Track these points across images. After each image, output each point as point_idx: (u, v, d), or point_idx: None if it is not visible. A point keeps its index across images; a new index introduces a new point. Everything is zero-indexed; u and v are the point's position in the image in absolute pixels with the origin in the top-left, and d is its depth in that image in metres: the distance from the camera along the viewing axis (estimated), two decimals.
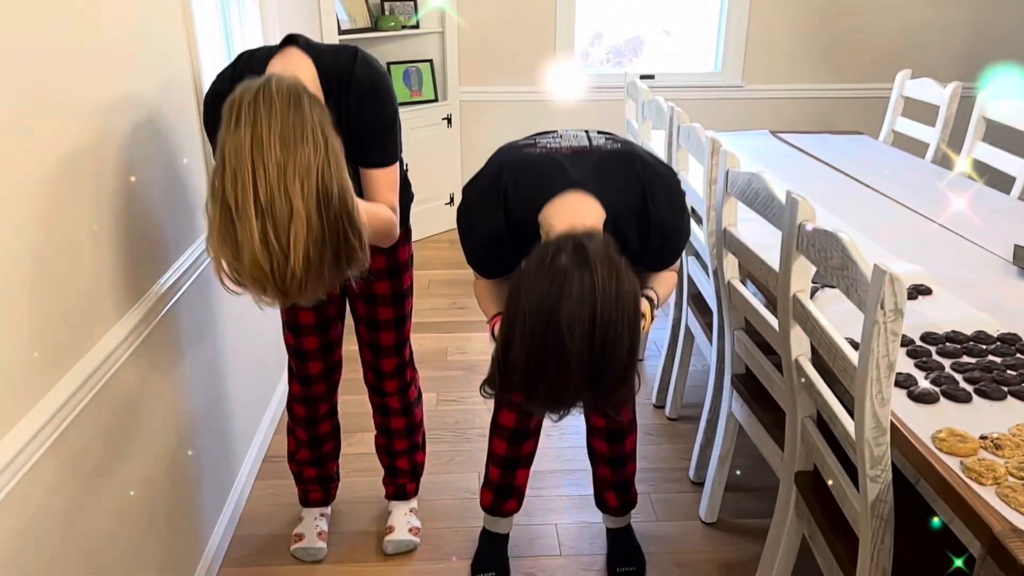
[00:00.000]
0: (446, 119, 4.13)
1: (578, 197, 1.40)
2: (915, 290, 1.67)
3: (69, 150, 1.27)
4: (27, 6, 1.14)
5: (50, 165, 1.21)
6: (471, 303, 3.42)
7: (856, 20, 4.10)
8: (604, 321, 1.14)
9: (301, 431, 1.96)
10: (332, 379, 1.91)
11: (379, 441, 2.03)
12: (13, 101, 1.10)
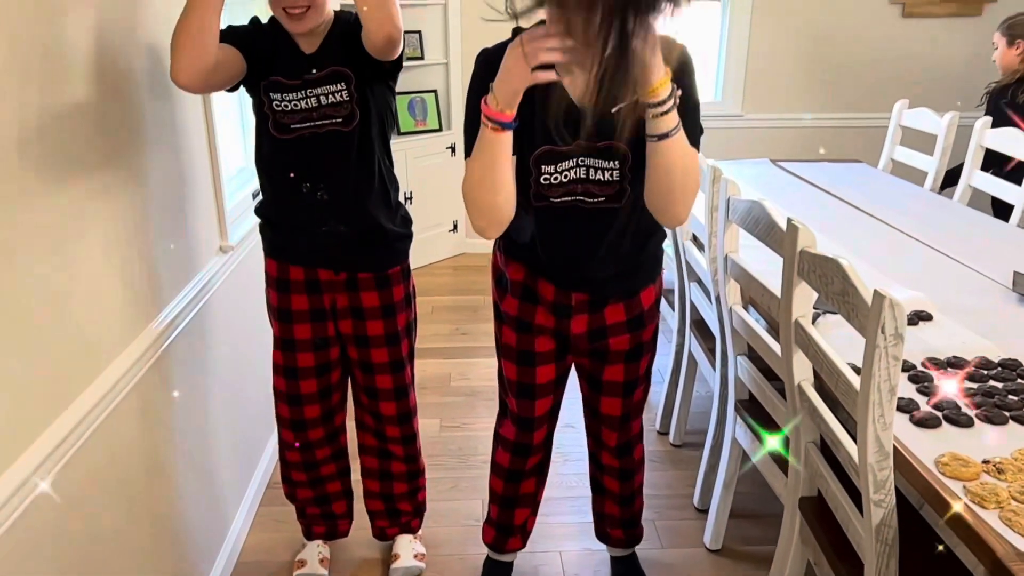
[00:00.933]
0: (450, 148, 4.18)
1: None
2: (916, 316, 1.69)
3: (74, 191, 1.29)
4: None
5: (53, 206, 1.24)
6: (474, 329, 3.43)
7: (853, 51, 4.16)
8: None
9: (299, 474, 1.91)
10: (332, 424, 1.87)
11: (371, 487, 1.95)
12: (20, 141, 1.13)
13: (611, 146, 1.39)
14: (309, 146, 1.62)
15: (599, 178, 1.42)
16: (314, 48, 1.60)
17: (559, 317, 1.59)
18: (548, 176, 1.43)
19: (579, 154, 1.41)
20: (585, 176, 1.43)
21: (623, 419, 1.72)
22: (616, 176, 1.42)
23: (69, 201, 1.26)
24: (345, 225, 1.66)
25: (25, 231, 1.14)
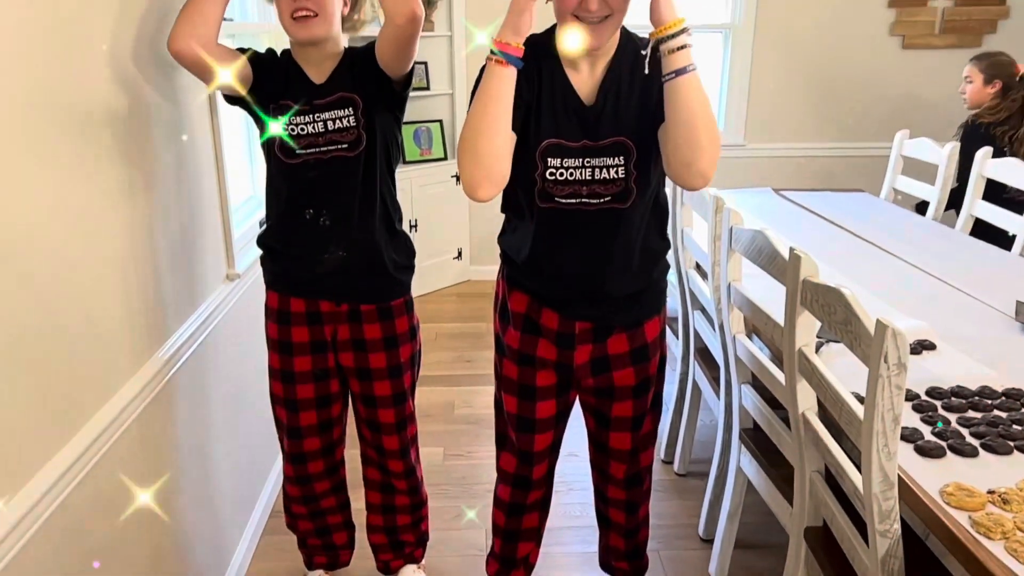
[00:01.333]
0: (454, 176, 4.21)
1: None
2: (919, 345, 1.69)
3: (83, 218, 1.31)
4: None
5: (61, 232, 1.26)
6: (478, 356, 3.44)
7: (855, 81, 4.20)
8: None
9: (299, 507, 1.91)
10: (332, 458, 1.87)
11: (374, 521, 1.95)
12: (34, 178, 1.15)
13: (617, 141, 1.41)
14: (314, 171, 1.63)
15: (604, 176, 1.42)
16: (323, 78, 1.63)
17: (562, 348, 1.58)
18: (554, 170, 1.43)
19: (585, 153, 1.42)
20: (591, 177, 1.43)
21: (632, 452, 1.69)
22: (621, 173, 1.42)
23: (78, 228, 1.28)
24: (346, 251, 1.67)
25: (33, 258, 1.16)
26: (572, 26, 1.33)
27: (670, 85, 1.30)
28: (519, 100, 1.38)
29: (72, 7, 1.27)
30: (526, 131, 1.42)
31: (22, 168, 1.13)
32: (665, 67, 1.30)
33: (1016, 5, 4.08)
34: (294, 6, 1.54)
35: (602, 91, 1.41)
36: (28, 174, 1.14)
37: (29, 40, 1.14)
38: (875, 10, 4.09)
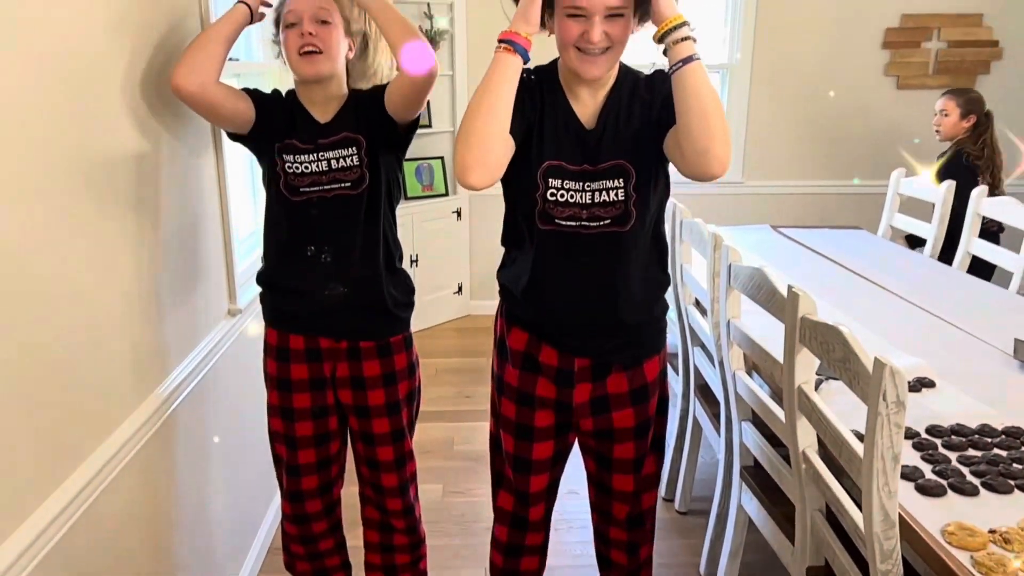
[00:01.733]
0: (456, 212, 4.25)
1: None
2: (919, 382, 1.69)
3: (85, 253, 1.33)
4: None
5: (64, 267, 1.27)
6: (478, 391, 3.43)
7: (851, 120, 4.26)
8: None
9: (297, 547, 1.88)
10: (329, 496, 1.85)
11: (372, 560, 1.93)
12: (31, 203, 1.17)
13: (616, 164, 1.43)
14: (316, 209, 1.65)
15: (604, 199, 1.44)
16: (328, 118, 1.66)
17: (561, 386, 1.57)
18: (555, 191, 1.44)
19: (585, 177, 1.44)
20: (591, 200, 1.44)
21: (635, 494, 1.67)
22: (621, 195, 1.44)
23: (82, 264, 1.29)
24: (346, 287, 1.68)
25: (35, 293, 1.17)
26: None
27: (678, 76, 1.30)
28: (521, 110, 1.40)
29: (83, 51, 1.30)
30: (528, 152, 1.44)
31: (28, 204, 1.14)
32: (671, 59, 1.32)
33: (1008, 47, 4.15)
34: (301, 42, 1.58)
35: (602, 116, 1.45)
36: (35, 211, 1.16)
37: (42, 85, 1.17)
38: (869, 51, 4.16)
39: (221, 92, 1.57)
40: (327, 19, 1.60)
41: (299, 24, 1.58)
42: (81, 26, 1.29)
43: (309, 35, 1.57)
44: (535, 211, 1.47)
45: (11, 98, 1.10)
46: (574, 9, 1.31)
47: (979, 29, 4.13)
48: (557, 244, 1.48)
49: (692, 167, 1.33)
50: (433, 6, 3.95)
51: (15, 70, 1.11)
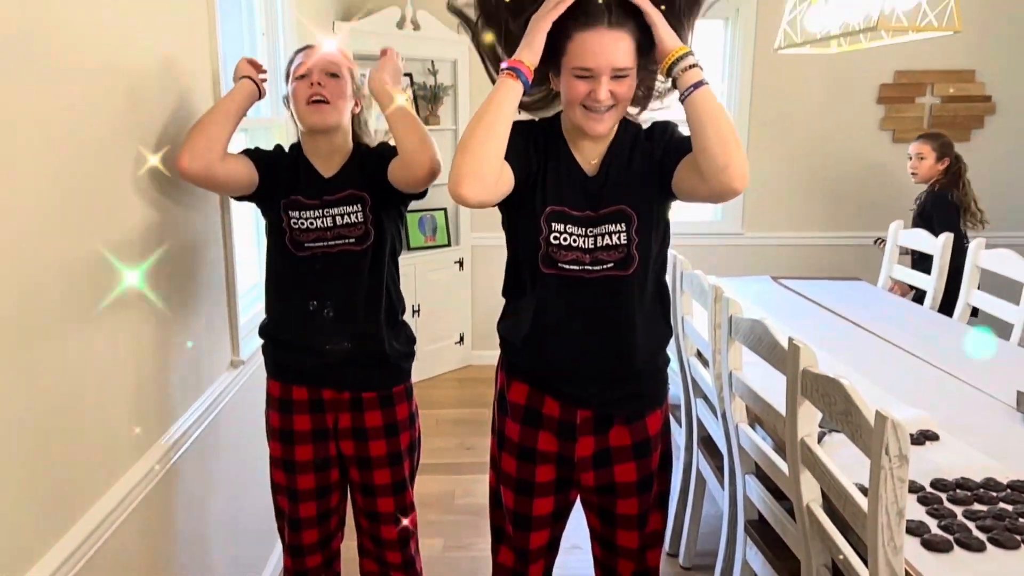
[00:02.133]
0: (458, 262, 4.29)
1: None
2: (922, 435, 1.69)
3: (90, 303, 1.34)
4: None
5: (70, 317, 1.28)
6: (480, 443, 3.41)
7: (848, 172, 4.32)
8: None
9: None
10: (329, 550, 1.83)
11: None
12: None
13: (618, 209, 1.46)
14: (320, 264, 1.67)
15: (607, 243, 1.46)
16: (332, 172, 1.69)
17: (563, 439, 1.56)
18: (558, 235, 1.46)
19: (588, 223, 1.47)
20: (594, 245, 1.47)
21: (640, 550, 1.64)
22: (623, 239, 1.46)
23: (86, 313, 1.31)
24: (350, 342, 1.69)
25: (40, 342, 1.18)
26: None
27: (690, 101, 1.34)
28: (525, 153, 1.44)
29: (97, 122, 1.33)
30: (532, 197, 1.47)
31: (35, 253, 1.16)
32: (681, 87, 1.35)
33: (1001, 102, 4.24)
34: (309, 92, 1.62)
35: (604, 164, 1.49)
36: (42, 260, 1.18)
37: (55, 151, 1.20)
38: (864, 105, 4.25)
39: (224, 170, 1.60)
40: (336, 72, 1.65)
41: (309, 75, 1.63)
42: (96, 97, 1.33)
43: (318, 85, 1.62)
44: (538, 255, 1.48)
45: (26, 166, 1.13)
46: (582, 71, 1.35)
47: (972, 85, 4.22)
48: (560, 289, 1.49)
49: (714, 185, 1.35)
50: (437, 62, 4.05)
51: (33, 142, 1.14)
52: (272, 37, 2.59)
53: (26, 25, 1.12)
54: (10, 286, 1.09)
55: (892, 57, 4.09)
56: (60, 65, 1.21)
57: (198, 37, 1.80)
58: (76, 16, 1.26)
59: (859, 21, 2.50)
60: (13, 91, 1.09)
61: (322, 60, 1.64)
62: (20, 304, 1.11)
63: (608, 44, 1.33)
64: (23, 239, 1.12)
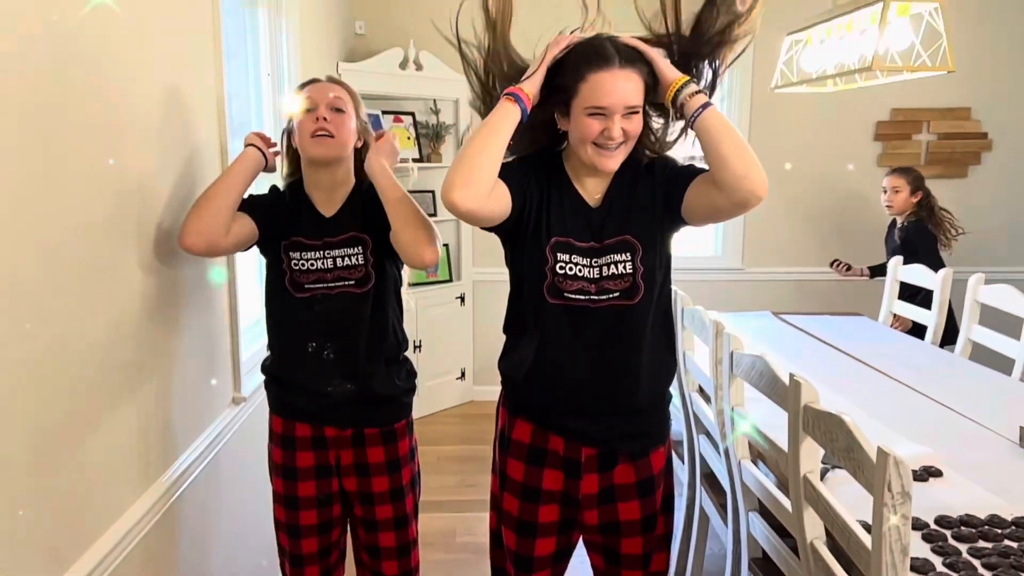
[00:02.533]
0: (459, 298, 4.30)
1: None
2: (925, 471, 1.68)
3: (94, 339, 1.35)
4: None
5: (72, 355, 1.29)
6: (482, 481, 3.38)
7: (847, 208, 4.36)
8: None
9: None
10: None
11: None
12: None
13: (622, 240, 1.48)
14: (320, 306, 1.68)
15: (613, 272, 1.48)
16: (333, 211, 1.71)
17: (568, 476, 1.55)
18: (564, 264, 1.48)
19: (593, 253, 1.49)
20: (599, 275, 1.48)
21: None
22: (629, 268, 1.48)
23: (89, 350, 1.32)
24: (352, 383, 1.70)
25: (40, 378, 1.19)
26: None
27: (699, 122, 1.39)
28: (525, 183, 1.48)
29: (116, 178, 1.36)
30: (537, 229, 1.49)
31: (39, 291, 1.18)
32: (688, 112, 1.41)
33: (998, 139, 4.28)
34: (315, 126, 1.64)
35: (607, 197, 1.52)
36: (47, 302, 1.19)
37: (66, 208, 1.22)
38: (862, 142, 4.30)
39: (227, 241, 1.62)
40: (342, 108, 1.68)
41: (315, 109, 1.65)
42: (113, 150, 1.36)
43: (324, 120, 1.64)
44: (544, 285, 1.49)
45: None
46: (597, 109, 1.39)
47: (967, 122, 4.27)
48: (566, 320, 1.50)
49: (735, 195, 1.38)
50: (439, 101, 4.11)
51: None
52: (276, 77, 2.64)
53: (31, 78, 1.15)
54: (13, 322, 1.10)
55: (888, 95, 4.14)
56: (67, 106, 1.24)
57: (204, 76, 1.84)
58: (82, 58, 1.29)
59: (854, 61, 2.54)
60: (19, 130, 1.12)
61: (328, 96, 1.67)
62: (26, 339, 1.12)
63: (620, 84, 1.39)
64: (30, 273, 1.13)
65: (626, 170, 1.51)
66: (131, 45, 1.44)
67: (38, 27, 1.15)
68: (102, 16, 1.32)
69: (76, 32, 1.24)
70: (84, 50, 1.27)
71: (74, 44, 1.24)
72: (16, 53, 1.09)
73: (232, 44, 2.26)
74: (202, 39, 1.83)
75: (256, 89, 2.56)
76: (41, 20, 1.15)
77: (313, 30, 3.04)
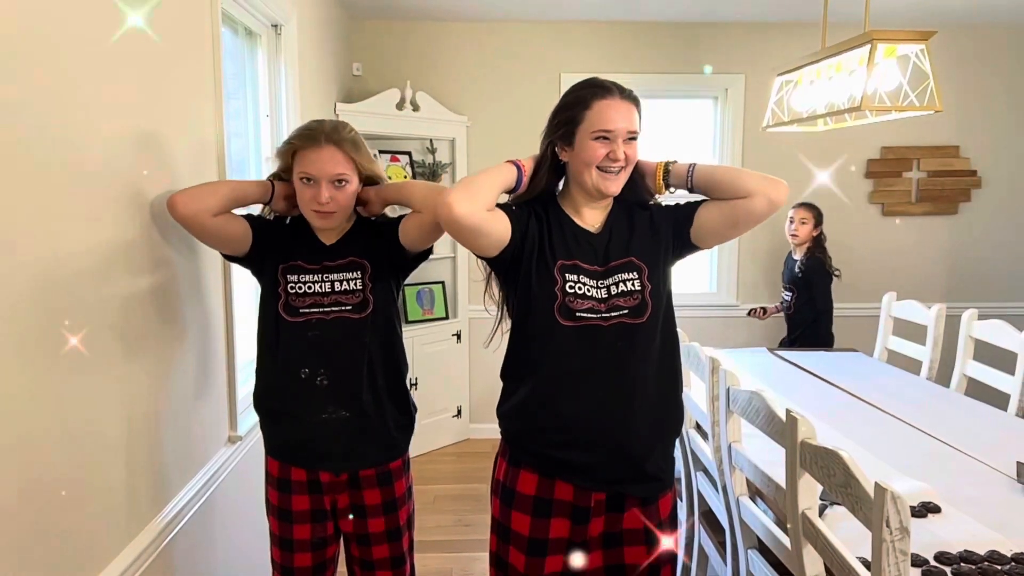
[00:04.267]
0: (455, 335, 4.30)
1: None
2: (924, 507, 1.68)
3: (92, 379, 1.35)
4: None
5: (69, 393, 1.29)
6: (478, 520, 3.35)
7: (840, 245, 4.37)
8: None
9: None
10: None
11: None
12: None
13: (627, 261, 1.55)
14: (315, 331, 1.66)
15: (622, 289, 1.53)
16: (333, 240, 1.71)
17: (576, 523, 1.53)
18: (573, 284, 1.52)
19: (599, 276, 1.54)
20: (607, 295, 1.53)
21: None
22: (637, 285, 1.53)
23: (87, 389, 1.32)
24: (346, 411, 1.68)
25: (40, 416, 1.19)
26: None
27: (696, 176, 1.56)
28: (523, 220, 1.55)
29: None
30: (543, 256, 1.54)
31: (36, 328, 1.18)
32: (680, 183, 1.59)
33: (987, 176, 4.34)
34: (317, 206, 1.61)
35: (607, 224, 1.59)
36: (42, 335, 1.19)
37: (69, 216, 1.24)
38: (854, 179, 4.34)
39: (215, 221, 1.61)
40: (345, 179, 1.63)
41: (316, 184, 1.61)
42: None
43: (327, 202, 1.60)
44: (555, 306, 1.51)
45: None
46: (602, 132, 1.50)
47: (957, 160, 4.33)
48: (576, 342, 1.50)
49: (765, 191, 1.52)
50: (435, 141, 4.16)
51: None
52: (275, 118, 2.68)
53: (31, 120, 1.17)
54: (9, 359, 1.10)
55: (878, 133, 4.20)
56: (69, 145, 1.26)
57: (204, 117, 1.87)
58: (86, 106, 1.31)
59: (843, 101, 2.59)
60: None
61: (331, 173, 1.61)
62: (20, 378, 1.12)
63: (623, 110, 1.51)
64: (28, 312, 1.14)
65: (622, 202, 1.60)
66: (132, 86, 1.47)
67: (46, 78, 1.17)
68: (101, 59, 1.35)
69: (77, 74, 1.27)
70: (85, 90, 1.30)
71: (78, 86, 1.27)
72: (18, 101, 1.11)
73: (231, 86, 2.30)
74: (203, 81, 1.86)
75: (255, 130, 2.59)
76: (44, 68, 1.18)
77: (311, 72, 3.09)
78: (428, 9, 3.90)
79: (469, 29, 4.16)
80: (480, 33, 4.16)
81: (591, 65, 3.85)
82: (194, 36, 1.80)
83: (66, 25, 1.23)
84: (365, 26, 4.10)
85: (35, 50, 1.15)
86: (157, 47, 1.58)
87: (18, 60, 1.11)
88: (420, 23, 4.09)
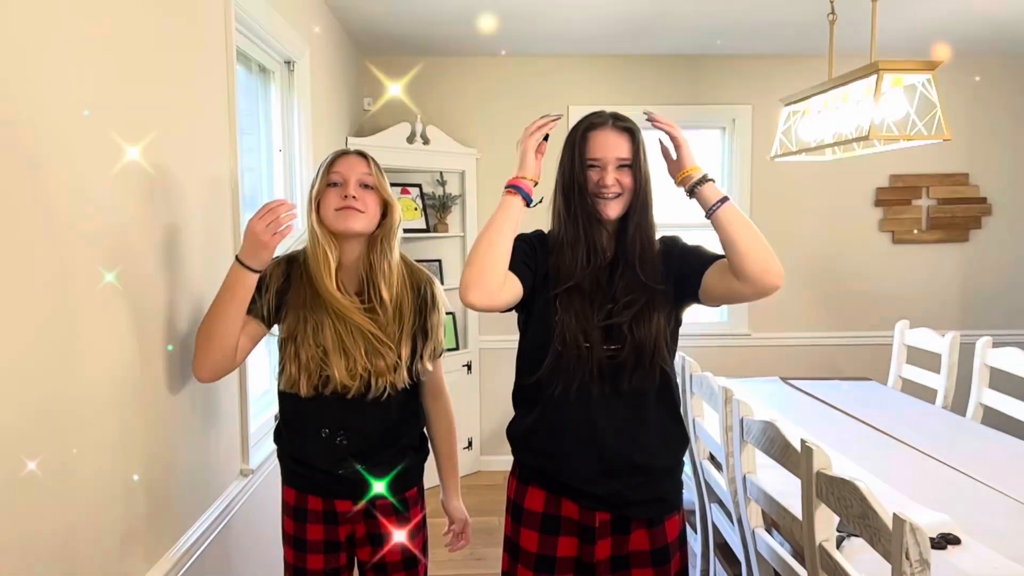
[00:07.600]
0: (466, 366, 4.29)
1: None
2: (943, 539, 1.65)
3: (101, 411, 1.36)
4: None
5: (69, 431, 1.30)
6: (490, 553, 3.31)
7: (852, 274, 4.38)
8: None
9: None
10: None
11: None
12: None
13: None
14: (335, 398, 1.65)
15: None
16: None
17: (583, 542, 1.55)
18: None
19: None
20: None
21: None
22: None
23: (94, 424, 1.32)
24: (365, 465, 1.68)
25: (46, 452, 1.19)
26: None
27: (718, 217, 1.49)
28: (532, 263, 1.56)
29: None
30: (544, 287, 1.56)
31: (41, 354, 1.19)
32: (704, 202, 1.51)
33: (997, 203, 4.34)
34: (343, 203, 1.62)
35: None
36: (50, 369, 1.20)
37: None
38: (863, 208, 4.35)
39: (239, 359, 1.62)
40: (370, 184, 1.67)
41: (343, 185, 1.64)
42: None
43: (353, 198, 1.63)
44: (558, 332, 1.53)
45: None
46: (592, 161, 1.54)
47: (966, 187, 4.33)
48: (577, 368, 1.52)
49: (755, 284, 1.46)
50: (445, 173, 4.20)
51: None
52: (288, 153, 2.72)
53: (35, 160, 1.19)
54: (21, 393, 1.11)
55: (887, 161, 4.22)
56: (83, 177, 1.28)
57: (219, 153, 1.89)
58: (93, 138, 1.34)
59: (851, 131, 2.60)
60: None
61: (358, 172, 1.66)
62: (31, 413, 1.13)
63: (612, 140, 1.54)
64: (36, 348, 1.15)
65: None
66: (148, 119, 1.50)
67: (63, 113, 1.20)
68: (110, 91, 1.38)
69: (94, 111, 1.30)
70: (99, 123, 1.32)
71: (93, 123, 1.29)
72: (31, 138, 1.13)
73: (245, 122, 2.33)
74: (217, 116, 1.89)
75: (268, 165, 2.63)
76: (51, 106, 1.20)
77: (323, 106, 3.14)
78: (438, 44, 3.97)
79: (478, 64, 4.22)
80: (489, 67, 4.23)
81: (599, 97, 3.89)
82: (211, 75, 1.84)
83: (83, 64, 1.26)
84: (376, 61, 4.16)
85: (46, 84, 1.18)
86: (175, 87, 1.61)
87: (28, 99, 1.13)
88: (430, 58, 4.16)
